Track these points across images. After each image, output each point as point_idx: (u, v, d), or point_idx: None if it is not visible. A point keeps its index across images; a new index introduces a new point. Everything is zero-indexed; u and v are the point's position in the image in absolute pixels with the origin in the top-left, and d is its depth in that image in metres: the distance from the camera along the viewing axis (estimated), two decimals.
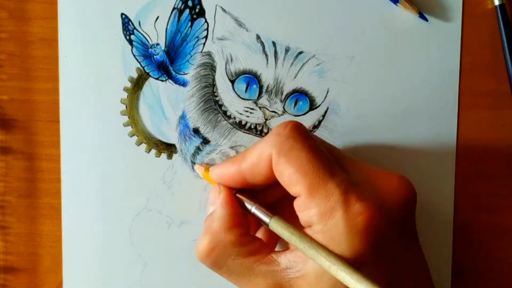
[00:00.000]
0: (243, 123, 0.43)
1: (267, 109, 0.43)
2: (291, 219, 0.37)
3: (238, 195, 0.39)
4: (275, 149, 0.36)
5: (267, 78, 0.43)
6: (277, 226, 0.36)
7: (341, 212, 0.34)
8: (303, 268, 0.35)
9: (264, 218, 0.37)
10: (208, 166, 0.42)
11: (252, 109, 0.43)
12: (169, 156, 0.43)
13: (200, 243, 0.38)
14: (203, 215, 0.43)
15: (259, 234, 0.41)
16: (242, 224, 0.38)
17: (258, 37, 0.43)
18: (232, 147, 0.43)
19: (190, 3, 0.43)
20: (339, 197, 0.34)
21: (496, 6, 0.43)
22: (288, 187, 0.36)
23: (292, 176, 0.35)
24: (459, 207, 0.43)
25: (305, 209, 0.35)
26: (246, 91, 0.43)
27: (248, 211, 0.38)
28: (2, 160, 0.44)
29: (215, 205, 0.38)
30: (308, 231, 0.35)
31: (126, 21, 0.43)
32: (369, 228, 0.34)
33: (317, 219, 0.34)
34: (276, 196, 0.39)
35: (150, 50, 0.43)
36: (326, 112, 0.43)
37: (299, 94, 0.43)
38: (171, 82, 0.43)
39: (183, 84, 0.43)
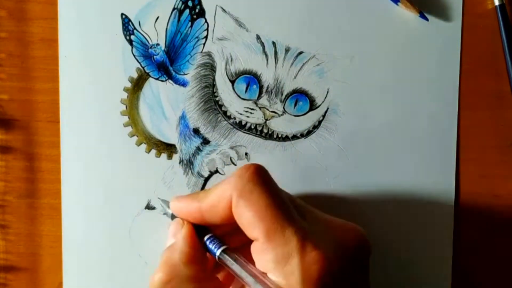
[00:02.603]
0: (243, 123, 0.43)
1: (267, 109, 0.43)
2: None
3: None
4: (235, 192, 0.36)
5: (267, 78, 0.43)
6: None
7: (297, 259, 0.34)
8: None
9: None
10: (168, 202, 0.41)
11: (252, 109, 0.43)
12: (169, 156, 0.43)
13: (156, 274, 0.37)
14: None
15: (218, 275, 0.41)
16: (201, 260, 0.38)
17: (258, 37, 0.43)
18: (232, 147, 0.43)
19: (190, 3, 0.43)
20: (296, 244, 0.34)
21: (496, 6, 0.43)
22: (246, 230, 0.36)
23: (250, 220, 0.35)
24: (459, 207, 0.43)
25: (261, 253, 0.35)
26: (246, 91, 0.43)
27: (202, 242, 0.38)
28: (2, 160, 0.44)
29: (176, 237, 0.38)
30: None
31: (126, 21, 0.43)
32: (324, 277, 0.34)
33: (273, 265, 0.34)
34: (240, 242, 0.39)
35: (150, 50, 0.43)
36: (326, 112, 0.43)
37: (299, 94, 0.43)
38: (171, 82, 0.43)
39: (183, 84, 0.43)
